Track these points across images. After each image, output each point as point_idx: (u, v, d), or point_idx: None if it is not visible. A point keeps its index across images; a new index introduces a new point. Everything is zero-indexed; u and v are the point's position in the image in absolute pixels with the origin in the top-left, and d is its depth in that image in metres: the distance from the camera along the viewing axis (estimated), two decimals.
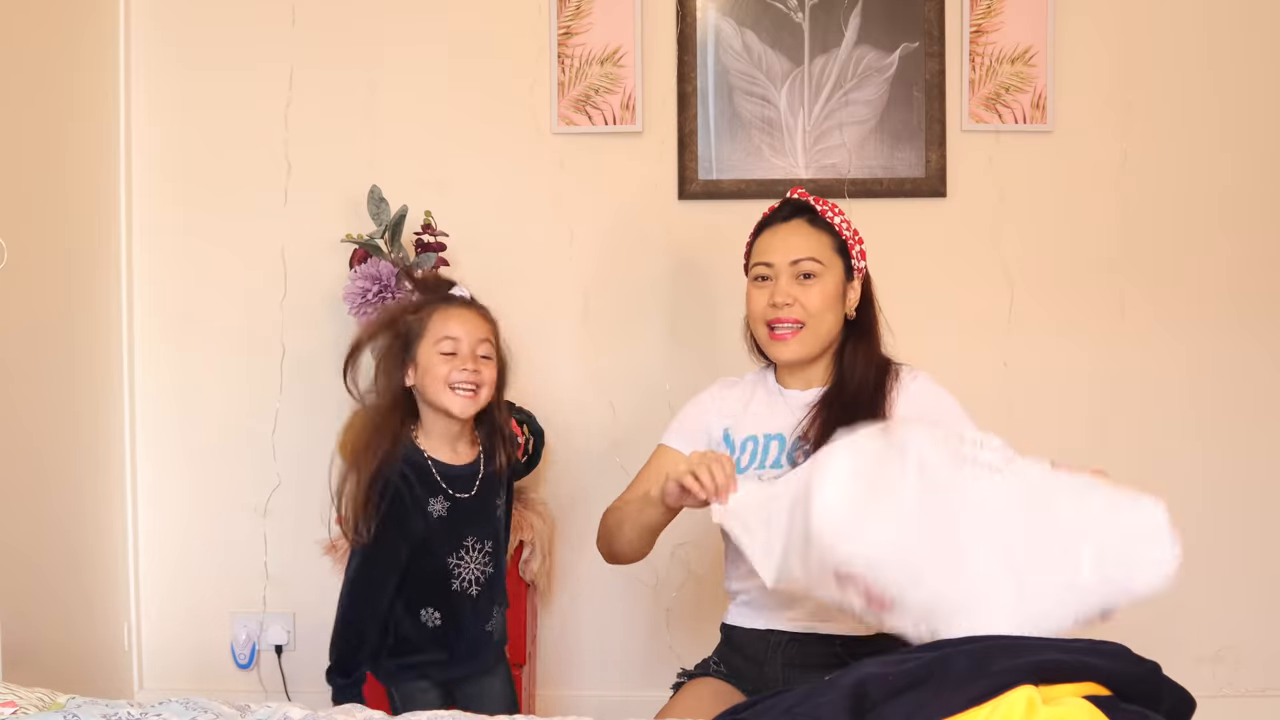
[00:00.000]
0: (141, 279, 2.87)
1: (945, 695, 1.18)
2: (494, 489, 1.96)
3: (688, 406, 2.04)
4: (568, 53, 2.79)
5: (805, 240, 1.93)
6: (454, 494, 1.89)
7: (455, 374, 1.85)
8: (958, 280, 2.82)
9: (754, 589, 1.88)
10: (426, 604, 1.89)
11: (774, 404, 1.96)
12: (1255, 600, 2.84)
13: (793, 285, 1.90)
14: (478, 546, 1.91)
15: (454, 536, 1.89)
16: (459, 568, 1.89)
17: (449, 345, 1.86)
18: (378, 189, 2.66)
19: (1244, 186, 2.81)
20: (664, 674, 2.22)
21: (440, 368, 1.86)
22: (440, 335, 1.87)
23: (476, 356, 1.88)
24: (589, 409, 2.84)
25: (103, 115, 2.77)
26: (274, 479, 2.85)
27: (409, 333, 1.90)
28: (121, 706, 1.43)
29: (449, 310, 1.90)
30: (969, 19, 2.77)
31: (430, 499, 1.87)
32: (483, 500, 1.93)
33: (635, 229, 2.83)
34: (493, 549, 1.94)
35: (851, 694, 1.23)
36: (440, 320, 1.89)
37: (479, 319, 1.91)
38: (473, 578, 1.91)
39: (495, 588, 1.96)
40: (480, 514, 1.93)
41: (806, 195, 1.98)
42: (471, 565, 1.91)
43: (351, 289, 2.61)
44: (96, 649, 2.72)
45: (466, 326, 1.88)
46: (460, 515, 1.90)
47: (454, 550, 1.89)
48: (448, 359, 1.86)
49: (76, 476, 2.64)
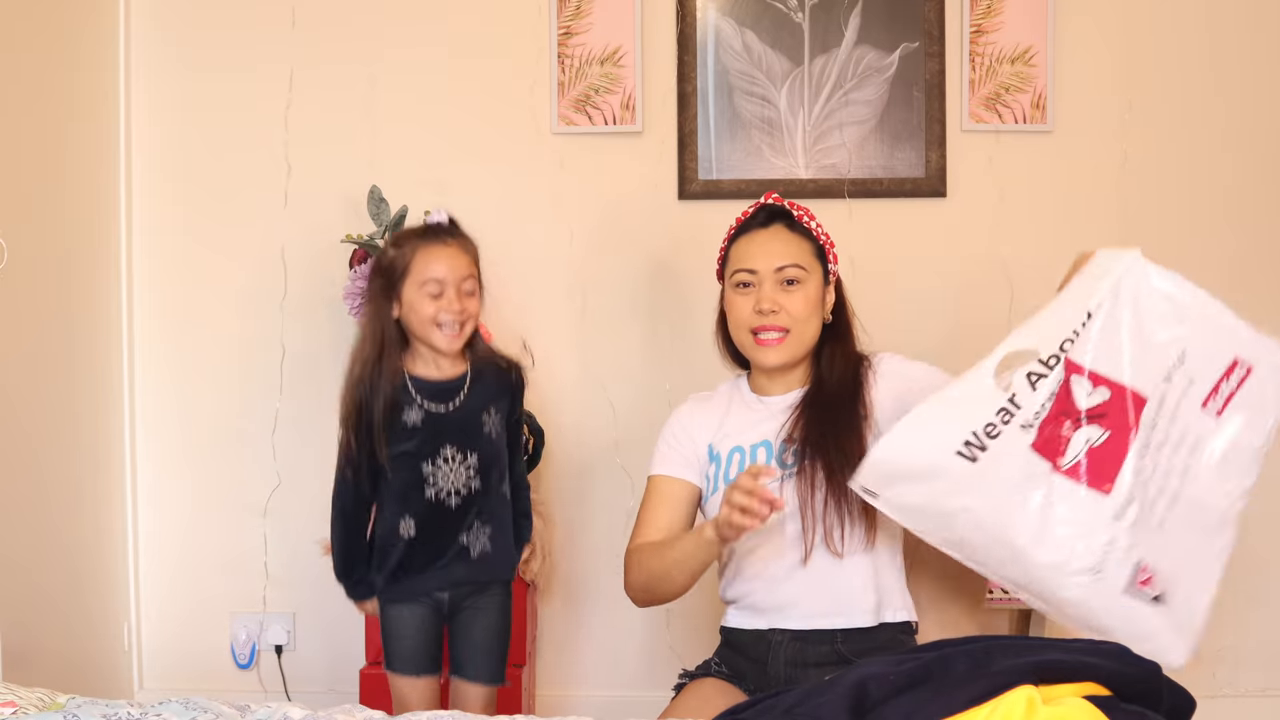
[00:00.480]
0: (141, 279, 2.87)
1: (945, 695, 1.18)
2: (480, 403, 1.99)
3: (666, 431, 2.01)
4: (568, 53, 2.79)
5: (787, 246, 1.92)
6: (430, 405, 1.96)
7: (442, 314, 1.92)
8: (958, 280, 2.82)
9: (751, 593, 1.88)
10: (405, 512, 1.96)
11: (753, 413, 1.94)
12: (1255, 600, 2.84)
13: (777, 292, 1.89)
14: (457, 457, 1.96)
15: (430, 445, 1.95)
16: (434, 475, 1.95)
17: (434, 287, 1.92)
18: (378, 189, 2.66)
19: (1244, 186, 2.81)
20: (664, 674, 2.22)
21: (426, 308, 1.93)
22: (425, 277, 1.93)
23: (461, 293, 1.94)
24: (589, 409, 2.84)
25: (103, 116, 2.77)
26: (274, 479, 2.85)
27: (392, 269, 1.96)
28: (121, 706, 1.43)
29: (431, 250, 1.94)
30: (969, 19, 2.77)
31: (406, 408, 1.95)
32: (466, 414, 1.97)
33: (635, 229, 2.83)
34: (478, 464, 1.98)
35: (851, 694, 1.23)
36: (423, 260, 1.94)
37: (460, 255, 1.96)
38: (451, 488, 1.96)
39: (479, 503, 1.99)
40: (462, 428, 1.97)
41: (781, 200, 1.97)
42: (450, 475, 1.96)
43: (351, 289, 2.61)
44: (96, 649, 2.72)
45: (450, 264, 1.94)
46: (437, 425, 1.95)
47: (430, 457, 1.95)
48: (434, 299, 1.92)
49: (77, 477, 2.64)
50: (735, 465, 1.90)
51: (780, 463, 1.85)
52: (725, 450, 1.92)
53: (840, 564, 1.82)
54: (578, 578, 2.85)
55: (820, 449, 1.83)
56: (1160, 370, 1.65)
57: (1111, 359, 1.65)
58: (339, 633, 2.79)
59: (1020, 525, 1.61)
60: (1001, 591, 2.64)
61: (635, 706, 2.00)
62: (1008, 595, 2.64)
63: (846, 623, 1.81)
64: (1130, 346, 1.66)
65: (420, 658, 2.01)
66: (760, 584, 1.87)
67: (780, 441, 1.87)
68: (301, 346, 2.85)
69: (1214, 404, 1.65)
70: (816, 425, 1.85)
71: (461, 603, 2.03)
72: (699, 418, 1.98)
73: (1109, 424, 1.63)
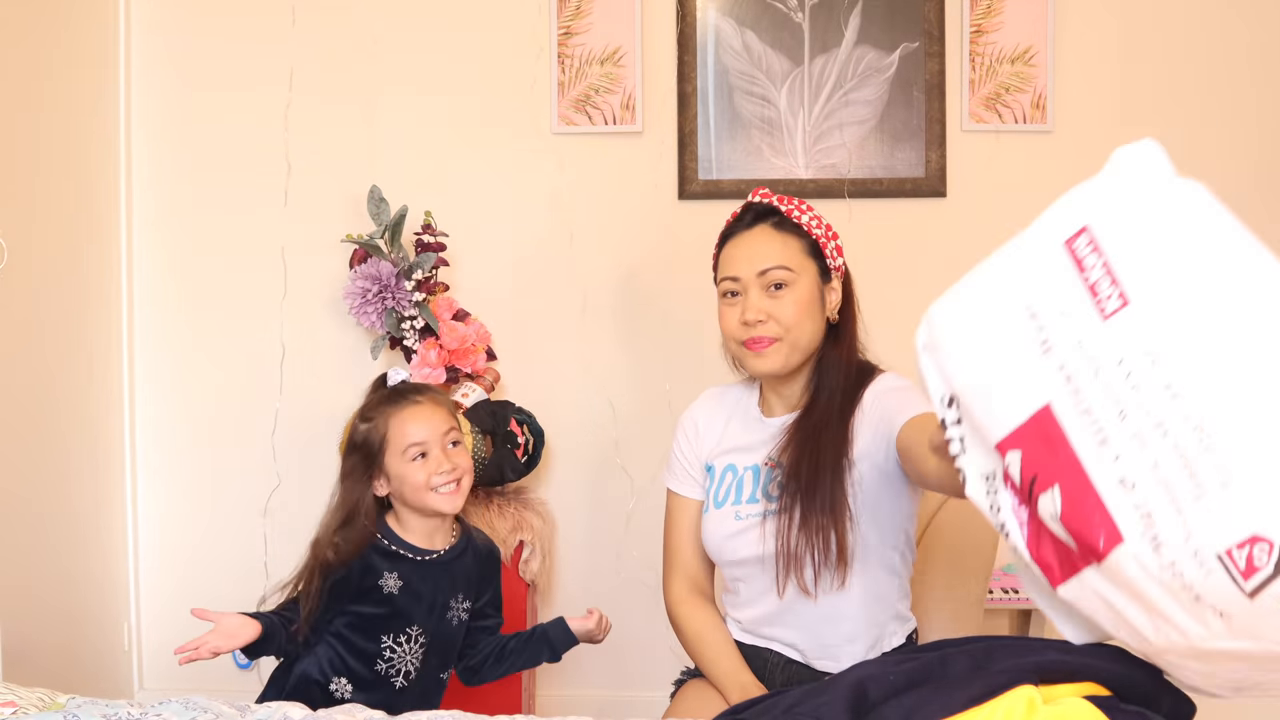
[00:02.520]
0: (141, 279, 2.87)
1: (945, 695, 1.18)
2: (453, 586, 1.86)
3: (678, 435, 1.96)
4: (568, 53, 2.79)
5: (770, 247, 1.79)
6: (410, 573, 1.82)
7: (434, 477, 1.80)
8: (958, 280, 2.82)
9: (744, 620, 1.87)
10: (342, 674, 1.82)
11: (751, 431, 1.87)
12: None
13: (763, 299, 1.78)
14: (420, 640, 1.83)
15: (398, 619, 1.82)
16: (392, 652, 1.82)
17: (416, 450, 1.80)
18: (378, 189, 2.66)
19: (1244, 186, 2.81)
20: (664, 674, 2.22)
21: (416, 475, 1.80)
22: (405, 443, 1.80)
23: (446, 449, 1.82)
24: (589, 409, 2.84)
25: (103, 115, 2.77)
26: (274, 479, 2.85)
27: (368, 445, 1.83)
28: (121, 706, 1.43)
29: (403, 413, 1.82)
30: (969, 19, 2.77)
31: (385, 574, 1.81)
32: (437, 591, 1.84)
33: (635, 229, 2.83)
34: (425, 647, 1.83)
35: (851, 693, 1.23)
36: (398, 426, 1.81)
37: (435, 409, 1.84)
38: (403, 669, 1.83)
39: (417, 691, 1.83)
40: (431, 606, 1.83)
41: (769, 196, 1.85)
42: (407, 657, 1.83)
43: (351, 289, 2.61)
44: (96, 649, 2.72)
45: (428, 424, 1.81)
46: (410, 599, 1.82)
47: (394, 633, 1.81)
48: (420, 463, 1.80)
49: (77, 477, 2.64)
50: (726, 484, 1.86)
51: (766, 494, 1.79)
52: (720, 466, 1.88)
53: (817, 606, 1.77)
54: (577, 578, 2.85)
55: (795, 495, 1.75)
56: (1033, 348, 1.14)
57: (990, 409, 1.18)
58: None
59: None
60: (1001, 591, 2.65)
61: (635, 706, 2.00)
62: (1008, 595, 2.64)
63: (836, 666, 1.76)
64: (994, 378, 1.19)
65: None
66: (751, 614, 1.86)
67: (767, 468, 1.81)
68: (301, 346, 2.85)
69: (1104, 304, 1.09)
70: (801, 451, 1.77)
71: None
72: (703, 424, 1.94)
73: (1045, 473, 1.11)
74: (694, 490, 1.93)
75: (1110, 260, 1.11)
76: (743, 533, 1.82)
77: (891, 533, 1.79)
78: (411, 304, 2.62)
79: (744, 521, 1.82)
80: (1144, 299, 1.08)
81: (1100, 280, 1.11)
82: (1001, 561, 2.69)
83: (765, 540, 1.78)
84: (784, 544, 1.75)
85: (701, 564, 1.95)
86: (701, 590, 1.95)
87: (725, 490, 1.86)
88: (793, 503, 1.75)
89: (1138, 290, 1.08)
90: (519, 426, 2.60)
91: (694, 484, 1.93)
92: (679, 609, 1.93)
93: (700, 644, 1.89)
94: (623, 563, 2.85)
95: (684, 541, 1.94)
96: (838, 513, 1.73)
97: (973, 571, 1.93)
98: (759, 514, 1.80)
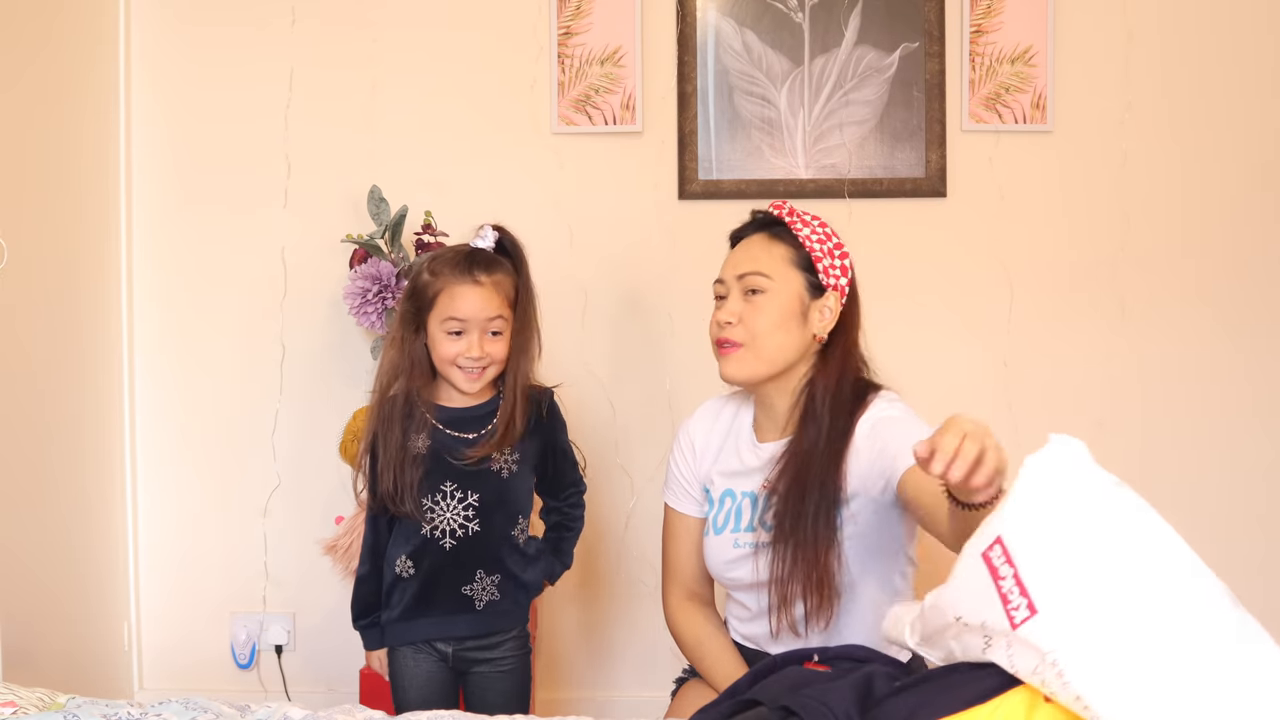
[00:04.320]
0: (141, 279, 2.87)
1: (948, 693, 1.19)
2: (494, 443, 1.86)
3: (674, 450, 1.95)
4: (568, 53, 2.79)
5: (754, 254, 1.79)
6: (439, 431, 1.85)
7: (461, 357, 1.83)
8: (958, 280, 2.82)
9: (753, 636, 1.87)
10: (403, 550, 1.88)
11: (745, 456, 1.86)
12: (1254, 601, 2.83)
13: (738, 302, 1.78)
14: (456, 495, 1.85)
15: (431, 478, 1.85)
16: (432, 512, 1.85)
17: (455, 325, 1.83)
18: (378, 189, 2.66)
19: (1244, 186, 2.81)
20: (664, 674, 2.22)
21: (446, 347, 1.83)
22: (446, 314, 1.83)
23: (485, 335, 1.83)
24: (589, 409, 2.84)
25: (103, 115, 2.77)
26: (274, 479, 2.85)
27: (421, 297, 1.86)
28: (121, 706, 1.43)
29: (456, 288, 1.83)
30: (969, 19, 2.77)
31: (414, 434, 1.85)
32: (475, 448, 1.85)
33: (635, 229, 2.83)
34: (479, 505, 1.85)
35: (858, 685, 1.25)
36: (448, 297, 1.83)
37: (491, 294, 1.84)
38: (447, 528, 1.85)
39: (480, 550, 1.87)
40: (469, 464, 1.85)
41: (780, 205, 1.84)
42: (447, 514, 1.85)
43: (351, 289, 2.61)
44: (96, 649, 2.72)
45: (474, 306, 1.82)
46: (440, 457, 1.85)
47: (429, 491, 1.85)
48: (454, 339, 1.83)
49: (77, 477, 2.64)
50: (726, 509, 1.85)
51: (763, 523, 1.78)
52: (718, 491, 1.87)
53: (805, 642, 1.76)
54: (577, 578, 2.85)
55: (785, 532, 1.74)
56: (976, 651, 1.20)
57: None
58: (339, 633, 2.78)
59: None
60: None
61: (635, 706, 2.01)
62: None
63: None
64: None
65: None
66: (754, 630, 1.86)
67: (764, 496, 1.80)
68: (301, 346, 2.85)
69: (1014, 614, 1.13)
70: (795, 478, 1.74)
71: (471, 659, 1.92)
72: (700, 443, 1.93)
73: None
74: (692, 508, 1.92)
75: (1020, 570, 1.13)
76: (741, 560, 1.82)
77: (892, 556, 1.79)
78: None
79: (741, 550, 1.82)
80: (1050, 609, 1.10)
81: (1011, 590, 1.13)
82: None
83: (759, 571, 1.78)
84: (776, 581, 1.74)
85: (701, 577, 1.95)
86: (700, 597, 1.95)
87: (725, 516, 1.86)
88: (784, 541, 1.73)
89: (1044, 600, 1.10)
90: None
91: (692, 502, 1.92)
92: (677, 615, 1.93)
93: (700, 649, 1.89)
94: (622, 563, 2.85)
95: (682, 557, 1.94)
96: (825, 548, 1.70)
97: None
98: (753, 544, 1.80)
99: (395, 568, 1.89)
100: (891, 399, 1.79)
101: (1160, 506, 1.16)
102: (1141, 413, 2.82)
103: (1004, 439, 1.36)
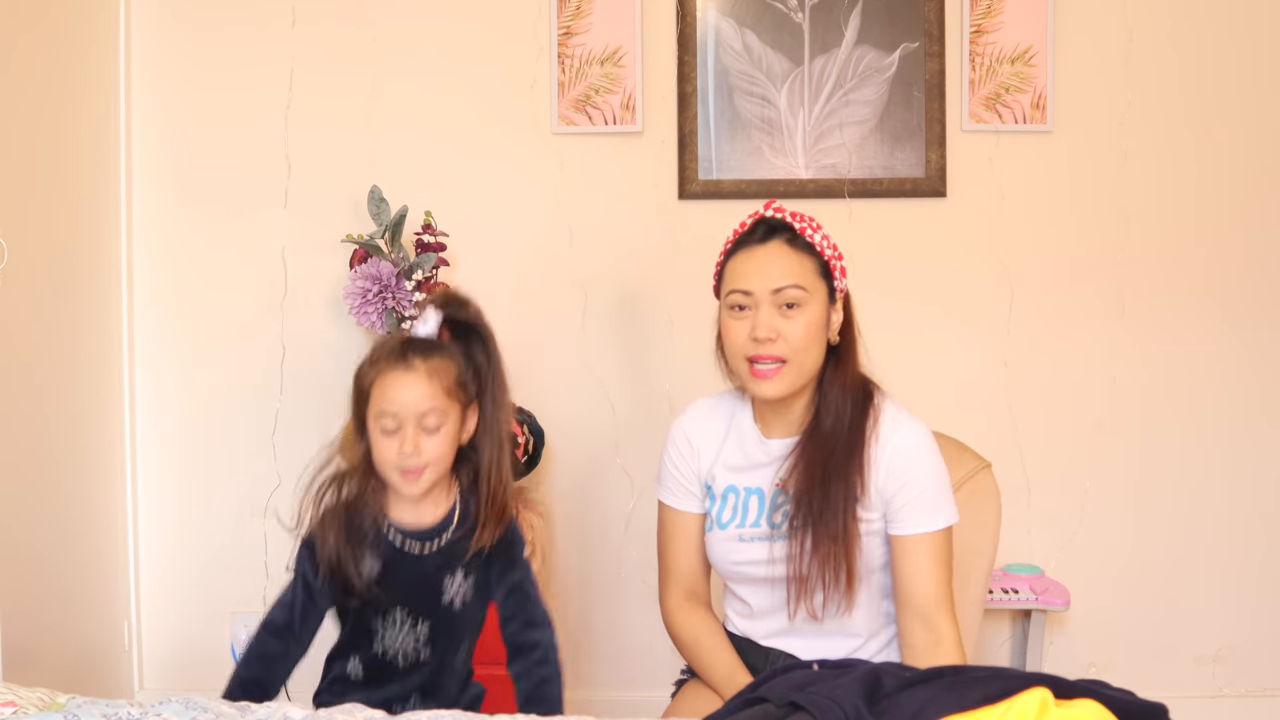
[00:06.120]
0: (142, 279, 2.87)
1: (959, 691, 1.19)
2: (449, 563, 1.67)
3: (668, 448, 1.92)
4: (568, 53, 2.79)
5: (787, 265, 1.75)
6: (392, 555, 1.65)
7: (395, 455, 1.61)
8: (958, 280, 2.82)
9: (756, 632, 1.87)
10: (353, 654, 1.71)
11: (750, 451, 1.85)
12: (1255, 600, 2.84)
13: (775, 317, 1.74)
14: (407, 622, 1.67)
15: (380, 601, 1.66)
16: (383, 632, 1.68)
17: (389, 422, 1.61)
18: (378, 189, 2.66)
19: (1244, 186, 2.81)
20: (664, 674, 2.22)
21: (382, 448, 1.62)
22: (378, 409, 1.62)
23: (419, 431, 1.60)
24: (589, 409, 2.84)
25: (104, 116, 2.77)
26: (274, 479, 2.85)
27: (358, 388, 1.66)
28: (121, 706, 1.43)
29: (388, 376, 1.62)
30: (969, 19, 2.77)
31: (366, 552, 1.65)
32: (426, 572, 1.66)
33: (635, 229, 2.83)
34: (428, 634, 1.67)
35: (866, 680, 1.25)
36: (379, 389, 1.62)
37: (424, 382, 1.61)
38: (399, 650, 1.68)
39: (427, 676, 1.68)
40: (418, 589, 1.66)
41: (782, 210, 1.80)
42: (398, 639, 1.68)
43: (351, 289, 2.61)
44: (96, 649, 2.72)
45: (404, 397, 1.60)
46: (390, 581, 1.65)
47: (379, 613, 1.67)
48: (388, 438, 1.62)
49: (77, 476, 2.64)
50: (729, 507, 1.85)
51: (771, 520, 1.79)
52: (720, 487, 1.86)
53: (821, 628, 1.79)
54: (577, 578, 2.85)
55: (806, 521, 1.75)
56: None
57: None
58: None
59: None
60: (1002, 592, 2.65)
61: (635, 706, 2.01)
62: (1008, 596, 2.64)
63: None
64: None
65: None
66: (759, 627, 1.87)
67: (774, 489, 1.80)
68: (301, 346, 2.85)
69: None
70: (812, 471, 1.75)
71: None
72: (698, 439, 1.90)
73: None
74: (691, 504, 1.91)
75: None
76: (749, 555, 1.82)
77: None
78: (412, 304, 2.62)
79: (749, 545, 1.82)
80: None
81: None
82: (1002, 562, 2.69)
83: (773, 564, 1.78)
84: (796, 570, 1.76)
85: (699, 575, 1.94)
86: (698, 597, 1.94)
87: (730, 511, 1.85)
88: (804, 529, 1.75)
89: None
90: (519, 426, 2.60)
91: (691, 499, 1.91)
92: (674, 616, 1.93)
93: (697, 649, 1.89)
94: (622, 563, 2.85)
95: (680, 555, 1.92)
96: (849, 540, 1.73)
97: (973, 572, 1.93)
98: (765, 538, 1.80)
99: (344, 666, 1.71)
100: (894, 401, 1.83)
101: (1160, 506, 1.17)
102: (1141, 413, 2.82)
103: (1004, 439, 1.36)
